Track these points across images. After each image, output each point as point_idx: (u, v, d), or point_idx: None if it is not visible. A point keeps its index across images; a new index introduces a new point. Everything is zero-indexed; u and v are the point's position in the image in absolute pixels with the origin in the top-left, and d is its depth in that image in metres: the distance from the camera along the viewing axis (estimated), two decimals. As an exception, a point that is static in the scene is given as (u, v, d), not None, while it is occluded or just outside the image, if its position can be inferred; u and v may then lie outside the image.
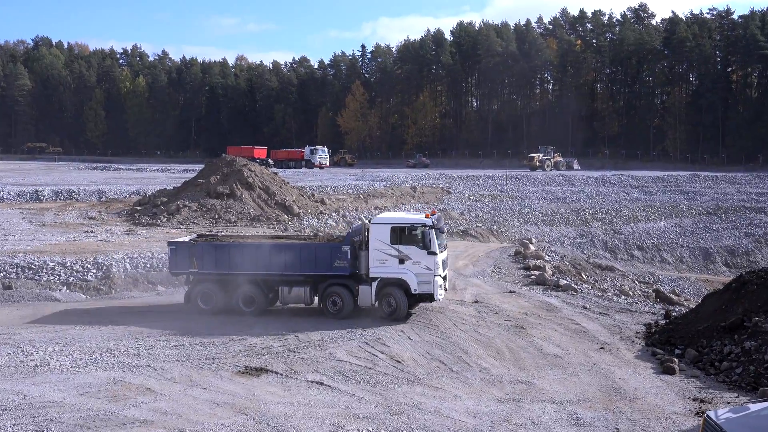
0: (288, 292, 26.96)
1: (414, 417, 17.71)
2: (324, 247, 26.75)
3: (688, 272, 52.39)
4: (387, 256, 26.08)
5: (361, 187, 61.30)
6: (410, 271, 26.00)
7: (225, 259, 27.02)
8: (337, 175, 78.02)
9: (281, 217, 47.06)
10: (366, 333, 25.18)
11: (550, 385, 20.61)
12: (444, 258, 26.81)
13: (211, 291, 27.42)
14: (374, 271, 26.29)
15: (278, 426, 16.83)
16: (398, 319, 25.85)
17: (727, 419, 12.66)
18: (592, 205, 62.46)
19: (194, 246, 27.63)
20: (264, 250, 26.70)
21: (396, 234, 26.10)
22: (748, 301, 24.81)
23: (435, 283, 25.91)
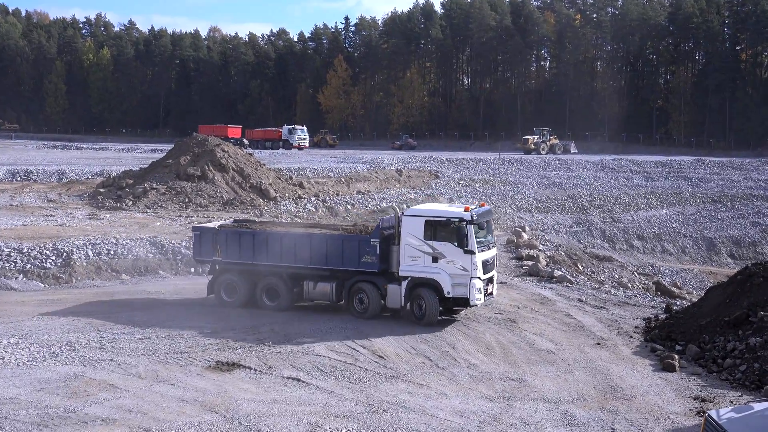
0: (313, 287, 26.35)
1: (397, 416, 17.78)
2: (352, 240, 25.84)
3: (691, 264, 52.75)
4: (419, 253, 24.94)
5: (343, 170, 61.25)
6: (444, 271, 24.72)
7: (249, 248, 26.65)
8: (317, 157, 77.89)
9: (256, 202, 46.95)
10: (347, 326, 25.22)
11: (542, 383, 20.74)
12: (489, 258, 25.42)
13: (234, 282, 27.19)
14: (405, 268, 25.21)
15: (251, 425, 16.86)
16: (428, 325, 24.78)
17: (730, 419, 12.77)
18: (590, 191, 62.69)
19: (219, 233, 27.41)
20: (289, 241, 26.22)
21: (430, 228, 24.84)
22: (753, 295, 25.03)
23: (472, 286, 24.48)
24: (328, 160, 72.82)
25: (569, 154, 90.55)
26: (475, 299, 24.68)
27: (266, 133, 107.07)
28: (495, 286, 26.41)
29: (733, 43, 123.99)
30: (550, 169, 71.22)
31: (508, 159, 74.41)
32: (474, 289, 24.50)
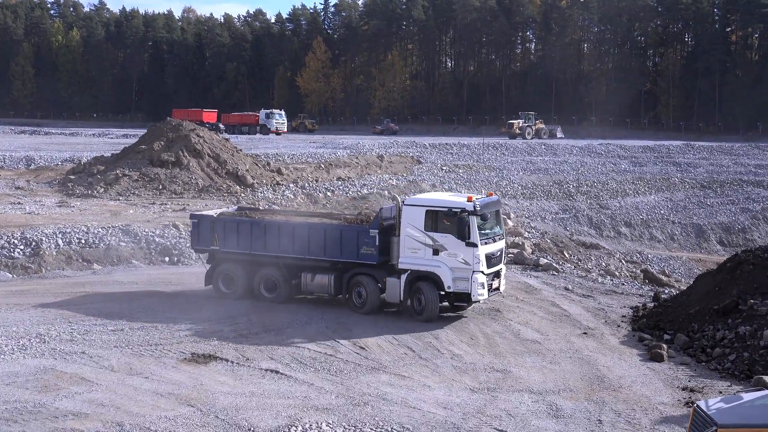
0: (311, 279, 26.05)
1: (378, 408, 17.83)
2: (350, 230, 25.45)
3: (680, 251, 53.09)
4: (420, 245, 24.41)
5: (323, 155, 61.15)
6: (445, 264, 24.19)
7: (247, 237, 26.45)
8: (296, 142, 77.71)
9: (233, 188, 46.83)
10: (326, 316, 25.24)
11: (527, 374, 20.84)
12: (495, 251, 24.79)
13: (232, 273, 27.02)
14: (404, 261, 24.72)
15: (228, 419, 16.85)
16: (428, 321, 24.39)
17: (719, 410, 12.85)
18: (577, 177, 62.91)
19: (217, 221, 27.22)
20: (287, 230, 26.00)
21: (431, 219, 24.31)
22: (743, 283, 25.22)
23: (474, 281, 23.92)
24: (307, 145, 72.67)
25: (555, 139, 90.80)
26: (478, 294, 24.12)
27: (243, 118, 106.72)
28: (503, 280, 25.80)
29: (723, 25, 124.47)
30: (535, 154, 71.40)
31: (492, 144, 74.53)
32: (476, 284, 23.92)
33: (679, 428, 17.21)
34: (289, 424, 16.63)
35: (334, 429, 16.52)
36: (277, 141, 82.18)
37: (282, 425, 16.60)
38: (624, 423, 17.67)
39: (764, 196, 62.55)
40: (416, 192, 52.89)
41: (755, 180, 65.82)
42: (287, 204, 44.82)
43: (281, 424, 16.63)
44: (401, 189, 53.41)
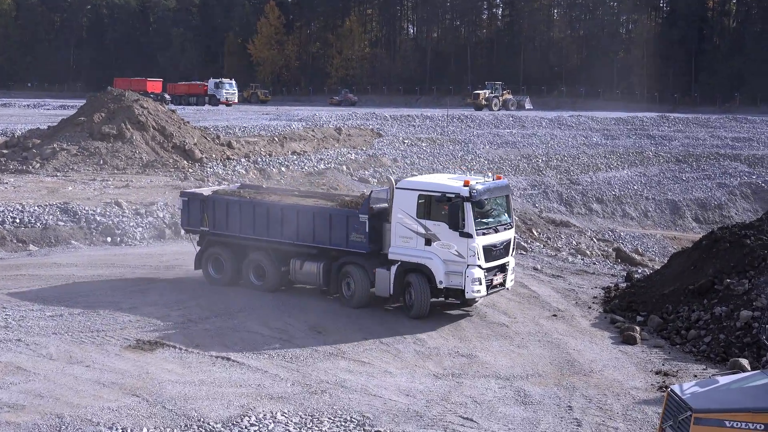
0: (299, 266, 25.31)
1: (337, 396, 17.87)
2: (340, 215, 24.55)
3: (654, 228, 53.70)
4: (411, 234, 23.39)
5: (276, 128, 60.84)
6: (437, 256, 23.12)
7: (236, 218, 26.10)
8: (248, 114, 77.23)
9: (180, 163, 46.49)
10: (281, 299, 25.21)
11: (494, 358, 20.98)
12: (497, 243, 23.49)
13: (221, 257, 26.68)
14: (394, 251, 23.75)
15: (176, 409, 16.79)
16: (417, 317, 23.46)
17: (693, 394, 13.03)
18: (546, 150, 63.27)
19: (207, 199, 26.89)
20: (276, 212, 25.50)
21: (424, 204, 23.23)
22: (719, 261, 25.55)
23: (468, 276, 22.79)
24: (260, 117, 72.26)
25: (524, 111, 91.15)
26: (472, 291, 22.96)
27: (190, 88, 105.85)
28: (510, 275, 24.47)
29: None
30: (502, 126, 71.63)
31: (457, 116, 74.64)
32: (470, 279, 22.79)
33: (652, 413, 17.46)
34: (242, 414, 16.61)
35: (289, 419, 16.54)
36: (227, 113, 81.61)
37: (234, 415, 16.58)
38: (595, 409, 17.88)
39: (742, 171, 63.41)
40: (375, 167, 52.96)
41: (732, 153, 66.66)
42: (237, 179, 44.58)
43: (233, 414, 16.61)
44: (360, 164, 53.42)
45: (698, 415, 12.26)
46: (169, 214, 35.87)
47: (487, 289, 23.38)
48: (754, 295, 23.06)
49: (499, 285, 23.95)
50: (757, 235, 25.91)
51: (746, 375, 14.20)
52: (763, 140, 71.08)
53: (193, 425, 16.08)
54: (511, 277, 24.59)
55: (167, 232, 34.81)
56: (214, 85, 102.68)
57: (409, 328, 22.99)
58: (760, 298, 22.72)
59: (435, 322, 23.63)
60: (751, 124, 77.56)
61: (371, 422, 16.61)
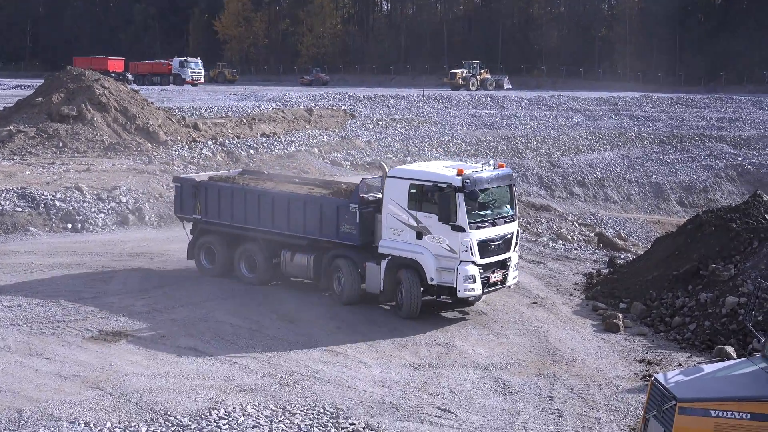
0: (290, 258, 24.84)
1: (309, 388, 17.89)
2: (330, 204, 24.01)
3: (637, 212, 54.00)
4: (402, 226, 22.68)
5: (245, 108, 60.57)
6: (428, 250, 22.37)
7: (228, 206, 25.82)
8: (215, 94, 76.85)
9: (144, 146, 46.21)
10: (251, 288, 25.19)
11: (472, 348, 21.06)
12: (495, 237, 22.61)
13: (213, 246, 26.44)
14: (385, 244, 23.07)
15: (141, 402, 16.75)
16: (407, 317, 22.76)
17: (678, 383, 13.14)
18: (526, 132, 63.40)
19: (199, 185, 26.61)
20: (267, 200, 25.13)
21: (416, 195, 22.56)
22: (704, 246, 25.76)
23: (460, 273, 21.98)
24: (227, 97, 71.92)
25: (502, 90, 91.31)
26: (465, 290, 22.14)
27: (154, 67, 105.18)
28: (512, 272, 23.51)
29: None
30: (480, 107, 71.70)
31: (433, 96, 74.62)
32: (462, 276, 21.97)
33: (635, 403, 17.61)
34: (210, 407, 16.60)
35: (260, 412, 16.55)
36: (193, 93, 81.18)
37: (202, 408, 16.57)
38: (577, 399, 18.00)
39: (727, 153, 63.83)
40: (348, 150, 52.88)
41: (718, 135, 67.06)
42: (204, 163, 44.39)
43: (201, 408, 16.60)
44: (332, 146, 53.33)
45: (683, 405, 12.36)
46: (132, 199, 35.68)
47: (484, 288, 22.53)
48: (740, 281, 23.28)
49: (499, 283, 23.10)
50: (743, 219, 26.13)
51: (732, 363, 14.35)
52: (750, 121, 71.56)
53: (159, 419, 16.05)
54: (513, 274, 23.65)
55: (131, 218, 34.63)
56: (179, 64, 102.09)
57: (384, 317, 23.04)
58: (746, 284, 22.93)
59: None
60: (737, 104, 78.09)
61: (345, 414, 16.65)
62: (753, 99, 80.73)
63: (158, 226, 34.53)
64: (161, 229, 34.10)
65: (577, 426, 16.63)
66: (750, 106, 77.16)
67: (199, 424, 15.91)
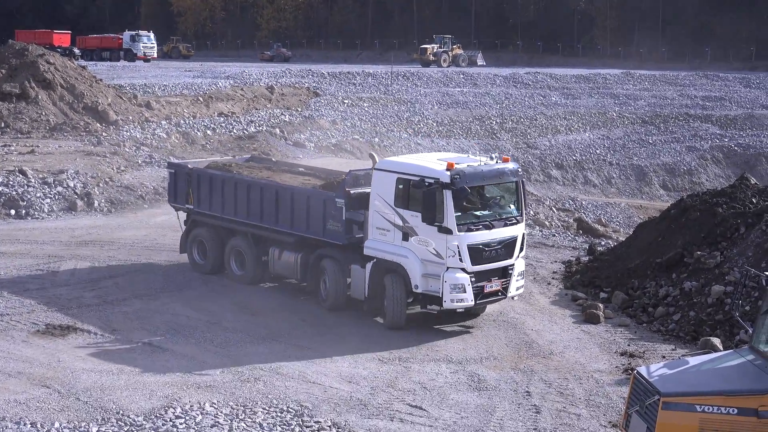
0: (278, 256, 23.95)
1: (272, 384, 17.88)
2: (318, 197, 22.95)
3: (618, 196, 54.36)
4: (389, 225, 21.47)
5: (201, 86, 60.34)
6: (414, 254, 21.11)
7: (219, 196, 25.24)
8: (168, 71, 76.40)
9: (92, 126, 45.91)
10: (209, 278, 25.13)
11: (445, 341, 21.13)
12: (491, 241, 21.10)
13: (205, 239, 25.89)
14: (370, 245, 21.89)
15: (92, 401, 16.67)
16: (392, 328, 21.59)
17: (661, 377, 13.23)
18: (501, 111, 63.57)
19: (192, 172, 26.09)
20: (256, 190, 24.36)
21: (403, 190, 21.26)
22: (689, 232, 25.93)
23: (447, 282, 20.62)
24: (182, 74, 71.55)
25: (475, 67, 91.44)
26: (452, 300, 20.79)
27: (103, 41, 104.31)
28: (515, 282, 21.88)
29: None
30: (452, 84, 71.79)
31: (402, 73, 74.61)
32: (449, 285, 20.63)
33: (617, 398, 17.74)
34: (166, 406, 16.56)
35: (219, 409, 16.53)
36: (145, 69, 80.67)
37: (157, 407, 16.52)
38: (555, 394, 18.11)
39: (713, 133, 64.35)
40: (312, 130, 52.79)
41: (703, 114, 67.57)
42: (158, 145, 44.17)
43: (156, 406, 16.55)
44: (295, 126, 53.21)
45: (667, 399, 12.42)
46: (80, 183, 35.43)
47: (477, 298, 21.11)
48: (726, 269, 23.46)
49: (498, 293, 21.65)
50: (729, 203, 26.30)
51: (718, 355, 14.46)
52: (736, 99, 72.18)
53: (111, 419, 15.98)
54: (517, 284, 22.03)
55: (79, 204, 34.38)
56: (130, 38, 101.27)
57: (350, 308, 23.01)
58: (732, 272, 23.11)
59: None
60: (723, 81, 78.72)
61: (310, 412, 16.65)
62: (740, 76, 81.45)
63: (108, 213, 34.33)
64: (112, 216, 33.93)
65: (555, 422, 16.74)
66: (737, 84, 77.82)
67: (154, 423, 15.86)
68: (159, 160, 40.16)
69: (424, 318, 22.12)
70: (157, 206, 34.88)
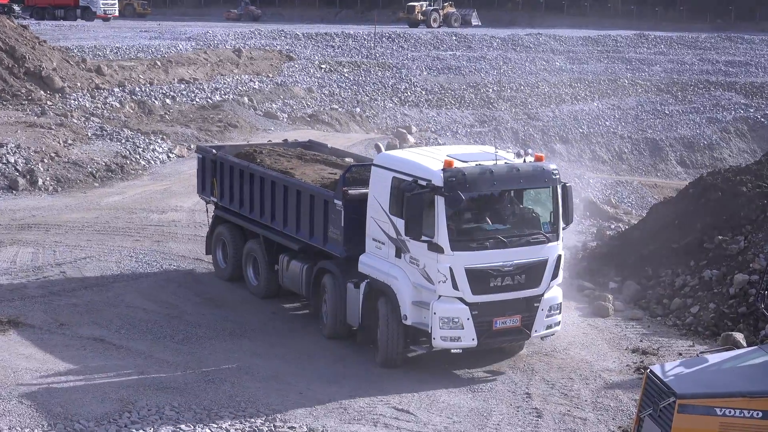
0: (286, 265, 22.31)
1: (240, 386, 17.90)
2: (320, 196, 21.14)
3: (630, 174, 54.45)
4: (384, 237, 19.25)
5: (159, 49, 60.06)
6: (405, 275, 18.80)
7: (238, 189, 24.09)
8: (122, 31, 76.04)
9: (35, 94, 45.73)
10: (169, 267, 25.11)
11: (435, 336, 21.19)
12: (506, 264, 18.44)
13: (226, 240, 24.71)
14: (364, 260, 19.75)
15: (36, 405, 16.66)
16: (384, 366, 19.25)
17: (677, 376, 13.28)
18: (498, 78, 63.53)
19: (216, 159, 25.06)
20: (267, 185, 22.90)
21: (398, 193, 18.80)
22: (709, 214, 25.94)
23: (437, 314, 18.13)
24: (137, 35, 71.24)
25: (470, 28, 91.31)
26: (443, 339, 18.34)
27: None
28: (545, 317, 19.23)
29: None
30: (444, 47, 71.71)
31: (387, 33, 74.49)
32: (439, 318, 18.16)
33: (628, 400, 17.84)
34: (120, 410, 16.56)
35: (180, 414, 16.53)
36: (95, 30, 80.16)
37: (111, 411, 16.51)
38: (559, 396, 18.19)
39: (737, 103, 64.47)
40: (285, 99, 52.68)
41: (726, 81, 67.67)
42: (110, 115, 44.01)
43: (110, 410, 16.54)
44: (266, 95, 53.10)
45: (683, 402, 12.48)
46: (22, 158, 35.28)
47: (482, 337, 18.49)
48: (750, 255, 23.50)
49: (513, 332, 19.06)
50: (754, 182, 26.29)
51: (741, 352, 14.51)
52: (763, 65, 72.36)
53: (58, 424, 15.97)
54: (546, 321, 19.26)
55: (21, 182, 34.24)
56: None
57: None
58: (758, 259, 23.15)
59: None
60: (749, 44, 78.87)
61: (283, 417, 16.69)
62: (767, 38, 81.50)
63: (54, 192, 34.21)
64: (58, 196, 33.79)
65: (558, 427, 16.83)
66: (764, 47, 77.98)
67: (106, 429, 15.86)
68: (111, 132, 40.01)
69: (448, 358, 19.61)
70: (110, 185, 34.83)
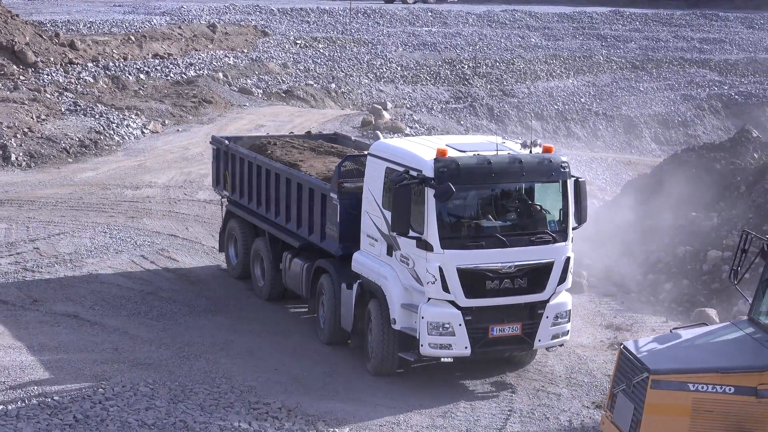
0: (289, 263, 21.07)
1: (215, 362, 17.91)
2: (318, 189, 20.09)
3: (605, 150, 54.56)
4: (376, 232, 18.12)
5: (133, 24, 59.71)
6: (396, 274, 17.58)
7: (247, 182, 23.06)
8: (95, 5, 75.54)
9: (8, 69, 45.39)
10: (143, 242, 25.05)
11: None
12: (503, 265, 16.99)
13: (237, 235, 23.64)
14: (358, 258, 18.60)
15: (10, 381, 16.62)
16: (376, 374, 18.00)
17: (650, 352, 13.37)
18: (474, 54, 63.47)
19: (228, 150, 23.99)
20: (271, 178, 21.91)
21: (390, 185, 17.67)
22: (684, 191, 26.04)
23: (425, 318, 16.86)
24: (110, 10, 70.79)
25: (445, 4, 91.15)
26: (431, 346, 16.98)
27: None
28: (550, 327, 17.60)
29: None
30: (419, 23, 71.57)
31: (362, 9, 74.27)
32: (426, 323, 16.86)
33: (601, 376, 17.94)
34: (95, 386, 16.53)
35: (155, 390, 16.50)
36: (68, 4, 79.57)
37: (84, 388, 16.48)
38: (533, 371, 18.28)
39: (711, 80, 64.63)
40: (260, 75, 52.54)
41: (700, 59, 67.78)
42: (84, 90, 43.78)
43: (83, 387, 16.52)
44: (241, 70, 52.92)
45: (656, 377, 12.57)
46: (-6, 134, 35.11)
47: (476, 346, 17.12)
48: (724, 232, 23.66)
49: (512, 341, 17.63)
50: (728, 159, 26.48)
51: (714, 328, 14.64)
52: (737, 42, 72.44)
53: (32, 401, 15.93)
54: (551, 330, 17.65)
55: (-9, 158, 34.11)
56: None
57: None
58: (731, 235, 23.28)
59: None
60: (723, 21, 78.93)
61: (258, 393, 16.71)
62: (742, 16, 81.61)
63: (27, 168, 34.00)
64: (31, 171, 33.59)
65: (533, 403, 16.89)
66: (738, 25, 78.03)
67: (81, 406, 15.78)
68: (85, 107, 39.84)
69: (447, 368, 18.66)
70: (83, 160, 34.65)
